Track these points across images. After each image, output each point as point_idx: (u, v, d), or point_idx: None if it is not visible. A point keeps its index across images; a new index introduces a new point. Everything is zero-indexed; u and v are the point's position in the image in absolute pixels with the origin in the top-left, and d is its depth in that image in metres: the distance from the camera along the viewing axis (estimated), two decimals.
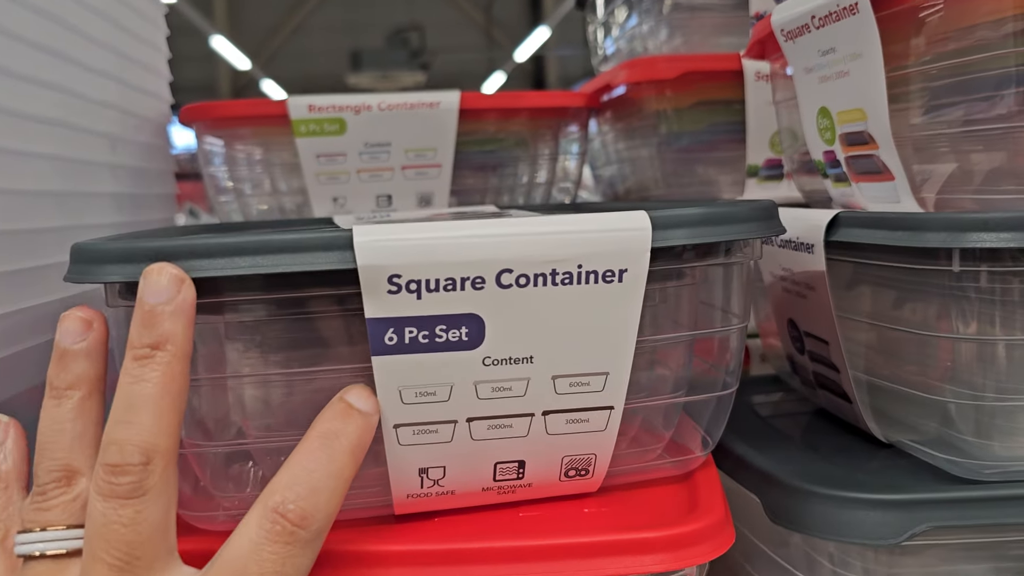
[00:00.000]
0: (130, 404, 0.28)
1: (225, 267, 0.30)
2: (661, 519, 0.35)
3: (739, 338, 0.38)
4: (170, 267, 0.29)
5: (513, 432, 0.34)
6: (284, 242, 0.30)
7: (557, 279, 0.31)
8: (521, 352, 0.32)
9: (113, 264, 0.30)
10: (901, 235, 0.36)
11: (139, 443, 0.28)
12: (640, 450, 0.39)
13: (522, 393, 0.33)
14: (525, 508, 0.36)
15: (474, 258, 0.30)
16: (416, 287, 0.30)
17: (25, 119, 0.42)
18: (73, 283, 0.31)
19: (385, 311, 0.30)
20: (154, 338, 0.28)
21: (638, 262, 0.32)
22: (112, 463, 0.28)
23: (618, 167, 0.78)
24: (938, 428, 0.40)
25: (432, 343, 0.31)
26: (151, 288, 0.29)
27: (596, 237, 0.31)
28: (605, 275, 0.31)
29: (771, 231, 0.35)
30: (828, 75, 0.44)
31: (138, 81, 0.58)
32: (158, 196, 0.63)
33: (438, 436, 0.33)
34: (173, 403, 0.29)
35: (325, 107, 0.63)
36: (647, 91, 0.67)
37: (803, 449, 0.44)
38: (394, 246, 0.30)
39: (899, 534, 0.36)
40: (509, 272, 0.31)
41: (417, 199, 0.67)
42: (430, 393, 0.32)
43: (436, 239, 0.30)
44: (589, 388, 0.33)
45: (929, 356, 0.40)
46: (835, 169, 0.46)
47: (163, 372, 0.28)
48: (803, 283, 0.44)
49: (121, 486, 0.28)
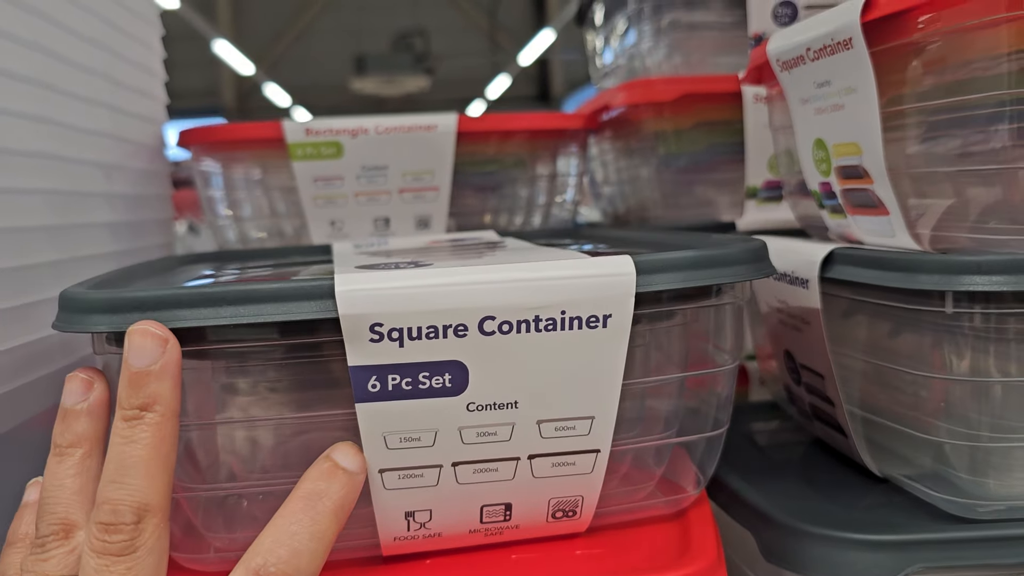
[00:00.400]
0: (121, 464, 0.29)
1: (208, 317, 0.30)
2: (652, 562, 0.35)
3: (730, 378, 0.38)
4: (153, 328, 0.29)
5: (499, 476, 0.34)
6: (266, 292, 0.30)
7: (540, 325, 0.31)
8: (505, 398, 0.32)
9: (98, 314, 0.30)
10: (895, 276, 0.36)
11: (131, 503, 0.28)
12: (631, 489, 0.39)
13: (507, 438, 0.33)
14: (517, 550, 0.36)
15: (456, 306, 0.30)
16: (398, 335, 0.30)
17: (13, 155, 0.42)
18: (60, 331, 0.31)
19: (368, 359, 0.30)
20: (142, 400, 0.29)
21: (622, 307, 0.31)
22: (105, 522, 0.28)
23: (618, 187, 0.77)
24: (933, 464, 0.40)
25: (415, 390, 0.31)
26: (136, 351, 0.29)
27: (579, 283, 0.31)
28: (589, 321, 0.31)
29: (760, 273, 0.35)
30: (824, 107, 0.43)
31: (132, 107, 0.58)
32: (156, 222, 0.63)
33: (423, 480, 0.33)
34: (163, 463, 0.29)
35: (322, 131, 0.63)
36: (646, 112, 0.67)
37: (799, 483, 0.44)
38: (375, 295, 0.30)
39: (892, 575, 0.36)
40: (492, 319, 0.31)
41: (415, 222, 0.67)
42: (415, 439, 0.32)
43: (417, 288, 0.30)
44: (575, 432, 0.33)
45: (924, 393, 0.39)
46: (831, 200, 0.46)
47: (152, 433, 0.29)
48: (798, 317, 0.43)
49: (114, 544, 0.28)
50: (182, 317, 0.30)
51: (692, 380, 0.39)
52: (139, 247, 0.58)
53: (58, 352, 0.46)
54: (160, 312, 0.30)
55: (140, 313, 0.30)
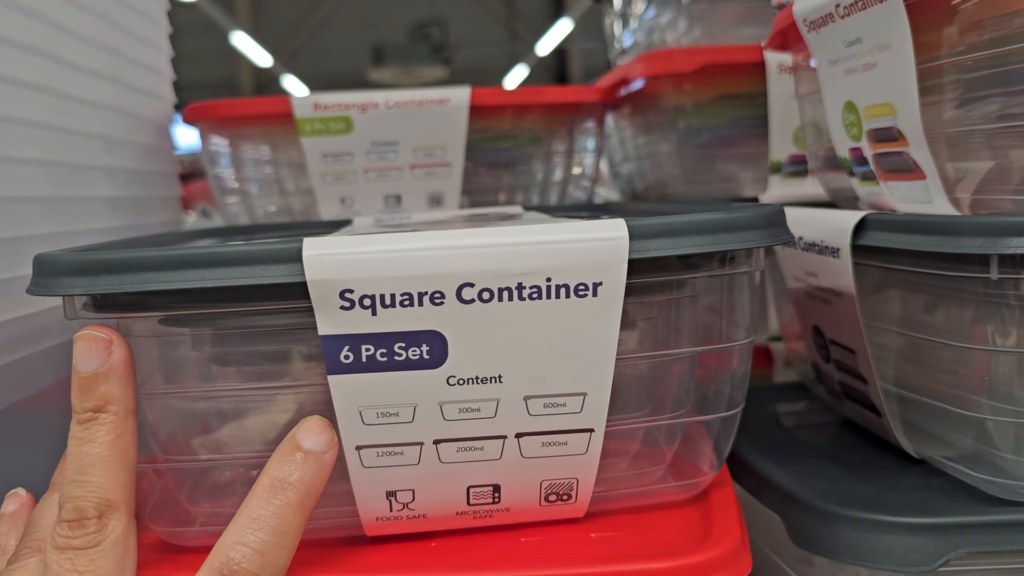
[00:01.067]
0: (80, 464, 0.29)
1: (172, 280, 0.29)
2: (672, 546, 0.33)
3: (745, 354, 0.35)
4: (98, 331, 0.29)
5: (485, 455, 0.32)
6: (232, 255, 0.29)
7: (524, 294, 0.29)
8: (488, 371, 0.30)
9: (68, 277, 0.29)
10: (934, 240, 0.34)
11: (93, 500, 0.28)
12: (640, 472, 0.37)
13: (492, 414, 0.31)
14: (527, 532, 0.34)
15: (431, 272, 0.28)
16: (370, 303, 0.28)
17: (9, 123, 0.40)
18: (33, 295, 0.30)
19: (339, 328, 0.29)
20: (94, 402, 0.29)
21: (614, 275, 0.29)
22: (69, 519, 0.28)
23: (636, 164, 0.75)
24: (974, 444, 0.37)
25: (391, 362, 0.29)
26: (82, 357, 0.29)
27: (565, 248, 0.29)
28: (578, 289, 0.29)
29: (772, 240, 0.32)
30: (854, 67, 0.41)
31: (136, 81, 0.56)
32: (161, 199, 0.61)
33: (404, 458, 0.31)
34: (123, 459, 0.29)
35: (331, 105, 0.61)
36: (665, 85, 0.64)
37: (829, 465, 0.42)
38: (344, 260, 0.28)
39: (933, 560, 0.34)
40: (470, 286, 0.29)
41: (427, 199, 0.65)
42: (392, 414, 0.30)
43: (389, 252, 0.28)
44: (565, 410, 0.31)
45: (965, 368, 0.37)
46: (862, 167, 0.43)
47: (108, 431, 0.29)
48: (828, 289, 0.41)
49: (77, 539, 0.28)
50: (149, 280, 0.29)
51: (705, 357, 0.36)
52: (142, 223, 0.56)
53: (55, 329, 0.44)
54: (128, 275, 0.29)
55: (108, 276, 0.29)
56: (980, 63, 0.36)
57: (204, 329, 0.33)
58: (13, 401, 0.40)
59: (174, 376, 0.34)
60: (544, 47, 7.22)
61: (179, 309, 0.31)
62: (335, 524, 0.34)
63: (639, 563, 0.31)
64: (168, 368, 0.34)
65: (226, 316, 0.32)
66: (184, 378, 0.34)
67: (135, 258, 0.29)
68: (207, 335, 0.33)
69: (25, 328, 0.41)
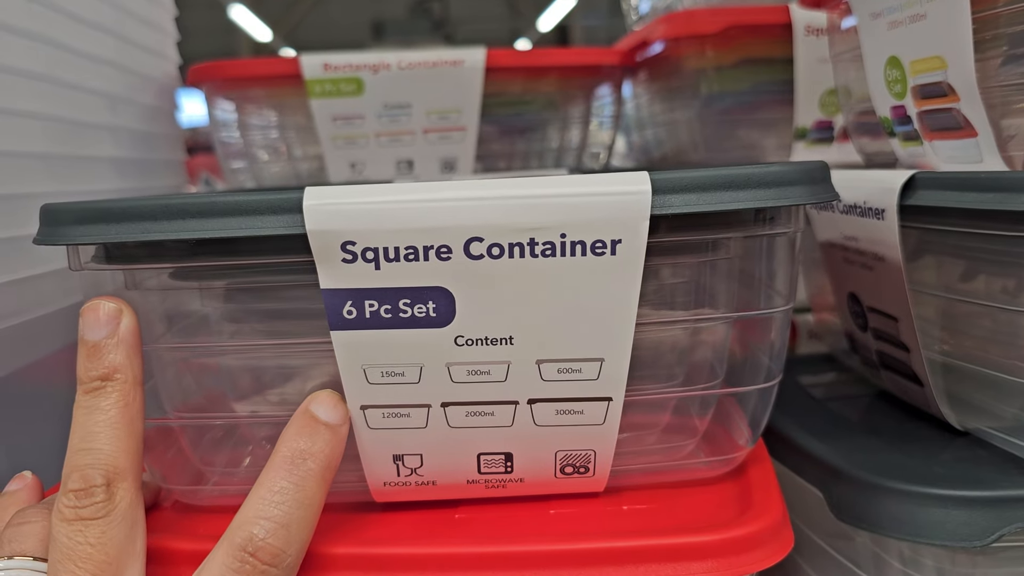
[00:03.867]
0: (87, 432, 0.28)
1: (169, 230, 0.27)
2: (711, 520, 0.31)
3: (783, 321, 0.33)
4: (107, 301, 0.29)
5: (496, 421, 0.30)
6: (232, 204, 0.27)
7: (536, 250, 0.27)
8: (498, 332, 0.28)
9: (67, 226, 0.28)
10: (992, 197, 0.32)
11: (100, 468, 0.27)
12: (671, 445, 0.35)
13: (502, 378, 0.29)
14: (556, 504, 0.33)
15: (437, 224, 0.27)
16: (373, 256, 0.27)
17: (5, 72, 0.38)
18: (37, 244, 0.29)
19: (341, 282, 0.27)
20: (101, 371, 0.28)
21: (635, 232, 0.27)
22: (76, 488, 0.27)
23: (654, 132, 0.73)
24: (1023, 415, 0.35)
25: (396, 319, 0.28)
26: (90, 325, 0.29)
27: (582, 202, 0.27)
28: (595, 247, 0.27)
29: (814, 197, 0.29)
30: (900, 19, 0.39)
31: (139, 37, 0.54)
32: (165, 162, 0.59)
33: (411, 421, 0.30)
34: (129, 428, 0.28)
35: (341, 66, 0.59)
36: (687, 48, 0.62)
37: (867, 436, 0.40)
38: (347, 210, 0.26)
39: (986, 535, 0.32)
40: (479, 241, 0.27)
41: (440, 164, 0.63)
42: (398, 373, 0.29)
43: (393, 203, 0.27)
44: (581, 376, 0.29)
45: (1014, 334, 0.35)
46: (904, 126, 0.41)
47: (115, 400, 0.28)
48: (870, 253, 0.39)
49: (86, 508, 0.27)
50: (146, 230, 0.27)
51: (742, 325, 0.34)
52: (147, 187, 0.54)
53: (60, 293, 0.42)
54: (124, 224, 0.28)
55: (105, 224, 0.28)
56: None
57: (213, 283, 0.32)
58: (15, 368, 0.38)
59: (183, 331, 0.33)
60: (546, 23, 7.16)
61: (185, 261, 0.30)
62: (344, 488, 0.32)
63: (676, 537, 0.29)
64: (179, 322, 0.33)
65: (231, 269, 0.31)
66: (194, 333, 0.33)
67: (132, 207, 0.27)
68: (217, 289, 0.32)
69: (27, 291, 0.39)
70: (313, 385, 0.33)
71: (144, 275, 0.32)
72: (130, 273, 0.31)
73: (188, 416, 0.34)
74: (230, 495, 0.33)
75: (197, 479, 0.35)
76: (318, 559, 0.29)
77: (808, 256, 0.52)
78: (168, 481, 0.34)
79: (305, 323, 0.31)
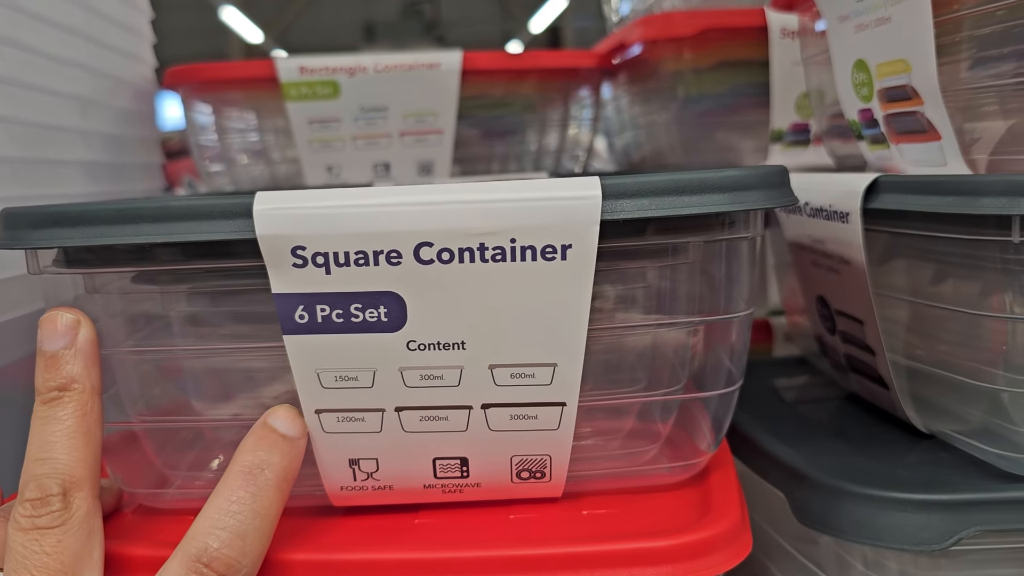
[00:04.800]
0: (44, 442, 0.28)
1: (122, 234, 0.28)
2: (669, 524, 0.31)
3: (744, 326, 0.33)
4: (65, 312, 0.29)
5: (450, 425, 0.30)
6: (184, 209, 0.27)
7: (486, 255, 0.27)
8: (450, 337, 0.28)
9: (24, 230, 0.28)
10: (952, 201, 0.32)
11: (57, 477, 0.27)
12: (633, 451, 0.35)
13: (455, 383, 0.29)
14: (516, 508, 0.33)
15: (386, 229, 0.27)
16: (324, 260, 0.27)
17: None
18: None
19: (292, 286, 0.28)
20: (59, 381, 0.28)
21: (585, 237, 0.27)
22: (32, 498, 0.27)
23: (633, 134, 0.73)
24: (988, 418, 0.35)
25: (348, 323, 0.28)
26: (48, 336, 0.29)
27: (531, 207, 0.27)
28: (545, 252, 0.27)
29: (769, 202, 0.29)
30: (866, 23, 0.39)
31: (112, 40, 0.54)
32: (141, 165, 0.59)
33: (365, 425, 0.30)
34: (87, 437, 0.28)
35: (317, 69, 0.59)
36: (664, 50, 0.62)
37: (834, 440, 0.40)
38: (296, 215, 0.27)
39: (945, 539, 0.32)
40: (429, 246, 0.27)
41: (417, 167, 0.63)
42: (351, 378, 0.29)
43: (342, 208, 0.27)
44: (534, 381, 0.29)
45: (979, 338, 0.35)
46: (872, 130, 0.41)
47: (73, 409, 0.28)
48: (836, 256, 0.39)
49: (41, 517, 0.27)
50: (100, 234, 0.28)
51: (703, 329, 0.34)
52: (121, 190, 0.54)
53: (26, 299, 0.42)
54: (80, 228, 0.28)
55: (61, 229, 0.28)
56: (998, 18, 0.35)
57: (173, 287, 0.32)
58: None
59: (145, 334, 0.33)
60: (537, 24, 7.16)
61: (143, 265, 0.30)
62: (303, 492, 0.32)
63: (634, 542, 0.29)
64: (140, 326, 0.33)
65: (191, 273, 0.31)
66: (156, 337, 0.33)
67: (87, 212, 0.28)
68: (177, 293, 0.32)
69: None
70: (276, 389, 0.33)
71: (105, 279, 0.32)
72: (90, 277, 0.31)
73: (151, 420, 0.34)
74: (193, 499, 0.33)
75: (160, 483, 0.35)
76: (276, 565, 0.29)
77: (780, 259, 0.52)
78: (131, 485, 0.34)
79: (266, 327, 0.31)
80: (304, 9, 7.67)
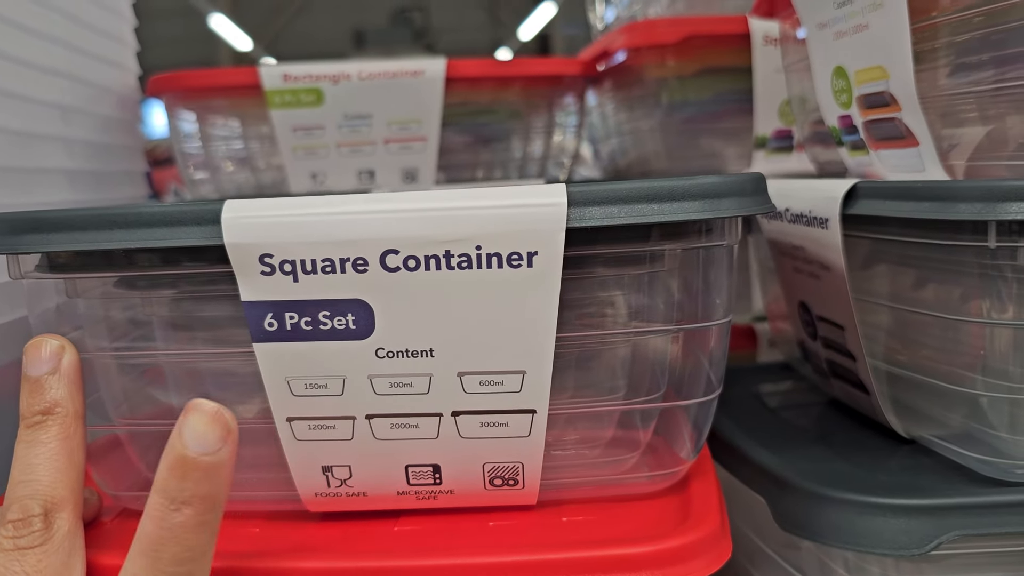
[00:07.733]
0: (27, 464, 0.28)
1: (98, 240, 0.28)
2: (648, 531, 0.31)
3: (722, 334, 0.33)
4: (50, 339, 0.29)
5: (421, 433, 0.30)
6: (156, 215, 0.28)
7: (452, 262, 0.27)
8: (418, 344, 0.29)
9: (4, 236, 0.29)
10: (929, 206, 0.32)
11: (39, 498, 0.28)
12: (612, 459, 0.35)
13: (425, 390, 0.29)
14: (495, 516, 0.33)
15: (352, 237, 0.27)
16: (291, 268, 0.27)
17: None
18: None
19: (261, 294, 0.28)
20: (43, 406, 0.29)
21: (551, 244, 0.27)
22: (15, 519, 0.27)
23: (618, 140, 0.73)
24: (967, 423, 0.36)
25: (316, 331, 0.28)
26: (33, 362, 0.29)
27: (496, 214, 0.27)
28: (511, 259, 0.27)
29: (742, 209, 0.29)
30: (844, 30, 0.39)
31: (95, 48, 0.53)
32: (124, 173, 0.59)
33: (337, 433, 0.30)
34: (70, 460, 0.29)
35: (301, 76, 0.59)
36: (648, 57, 0.62)
37: (815, 446, 0.40)
38: (263, 223, 0.27)
39: (924, 543, 0.32)
40: (394, 253, 0.27)
41: (402, 174, 0.63)
42: (321, 386, 0.29)
43: (309, 216, 0.27)
44: (504, 388, 0.29)
45: (958, 343, 0.35)
46: (851, 136, 0.41)
47: (56, 432, 0.29)
48: (816, 262, 0.39)
49: (23, 537, 0.27)
50: (76, 240, 0.28)
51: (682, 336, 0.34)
52: (103, 198, 0.54)
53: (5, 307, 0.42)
54: (57, 234, 0.28)
55: (38, 235, 0.28)
56: (974, 25, 0.35)
57: (153, 292, 0.32)
58: None
59: (126, 339, 0.33)
60: (527, 32, 7.18)
61: (122, 270, 0.30)
62: (278, 497, 0.32)
63: (613, 548, 0.29)
64: (122, 330, 0.33)
65: (172, 278, 0.31)
66: (138, 341, 0.34)
67: (64, 217, 0.28)
68: (158, 298, 0.32)
69: None
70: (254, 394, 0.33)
71: (87, 284, 0.32)
72: (71, 282, 0.32)
73: (134, 423, 0.34)
74: None
75: (144, 485, 0.34)
76: (253, 572, 0.29)
77: (763, 265, 0.53)
78: (115, 488, 0.34)
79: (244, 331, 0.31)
80: (293, 17, 7.67)
